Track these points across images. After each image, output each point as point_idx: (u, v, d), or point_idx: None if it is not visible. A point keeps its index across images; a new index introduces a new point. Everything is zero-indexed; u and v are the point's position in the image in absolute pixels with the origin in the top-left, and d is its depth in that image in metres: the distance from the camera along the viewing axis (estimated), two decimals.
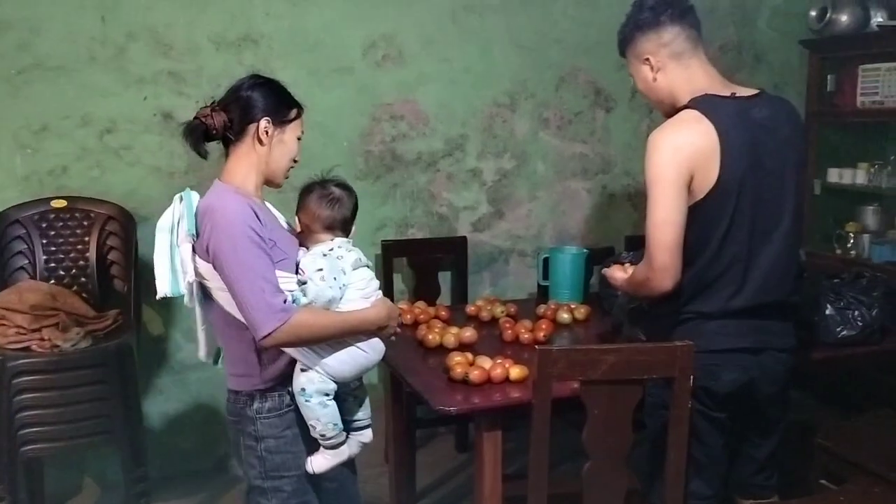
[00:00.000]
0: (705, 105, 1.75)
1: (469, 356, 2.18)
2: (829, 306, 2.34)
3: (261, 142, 1.71)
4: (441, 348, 2.33)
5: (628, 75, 1.98)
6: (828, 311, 2.34)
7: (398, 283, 3.32)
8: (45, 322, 2.50)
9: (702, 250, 1.76)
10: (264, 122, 1.70)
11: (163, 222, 1.69)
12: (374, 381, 3.13)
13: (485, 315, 2.68)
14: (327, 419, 1.71)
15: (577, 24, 3.43)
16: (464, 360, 2.14)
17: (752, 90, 1.84)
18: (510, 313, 2.68)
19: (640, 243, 1.82)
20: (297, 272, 1.72)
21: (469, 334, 2.40)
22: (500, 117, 3.41)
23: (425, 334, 2.40)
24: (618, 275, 2.02)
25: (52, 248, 2.73)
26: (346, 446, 1.78)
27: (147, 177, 2.94)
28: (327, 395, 1.70)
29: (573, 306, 2.71)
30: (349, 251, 1.76)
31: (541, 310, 2.71)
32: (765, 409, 1.90)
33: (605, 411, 1.72)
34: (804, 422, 2.57)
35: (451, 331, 2.40)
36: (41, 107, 2.79)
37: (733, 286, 1.78)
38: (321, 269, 1.68)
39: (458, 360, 2.13)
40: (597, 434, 1.74)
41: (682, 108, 1.79)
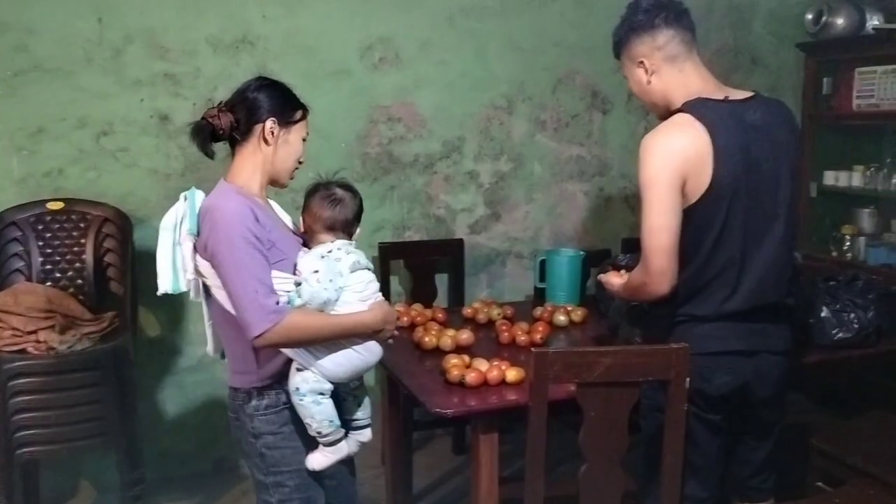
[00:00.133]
0: (698, 108, 1.75)
1: (466, 358, 2.19)
2: (824, 309, 2.35)
3: (266, 142, 1.73)
4: (438, 350, 2.34)
5: (623, 77, 1.98)
6: (823, 314, 2.35)
7: (395, 285, 3.33)
8: (41, 324, 2.49)
9: (695, 253, 1.76)
10: (270, 123, 1.72)
11: (166, 220, 1.71)
12: (371, 382, 3.12)
13: (481, 317, 2.68)
14: (322, 416, 1.71)
15: (573, 27, 3.44)
16: (460, 363, 2.14)
17: (746, 93, 1.84)
18: (507, 315, 2.69)
19: (637, 245, 1.82)
20: (295, 273, 1.72)
21: (466, 336, 2.40)
22: (497, 119, 3.42)
23: (422, 336, 2.40)
24: (614, 280, 2.02)
25: (49, 251, 2.73)
26: (344, 443, 1.78)
27: (144, 179, 2.93)
28: (322, 393, 1.70)
29: (570, 308, 2.72)
30: (349, 253, 1.76)
31: (537, 312, 2.72)
32: (760, 411, 1.90)
33: (602, 413, 1.73)
34: (800, 424, 2.57)
35: (448, 333, 2.40)
36: (37, 109, 2.79)
37: (727, 289, 1.78)
38: (317, 271, 1.69)
39: (454, 363, 2.14)
40: (593, 436, 1.74)
41: (675, 112, 1.79)
